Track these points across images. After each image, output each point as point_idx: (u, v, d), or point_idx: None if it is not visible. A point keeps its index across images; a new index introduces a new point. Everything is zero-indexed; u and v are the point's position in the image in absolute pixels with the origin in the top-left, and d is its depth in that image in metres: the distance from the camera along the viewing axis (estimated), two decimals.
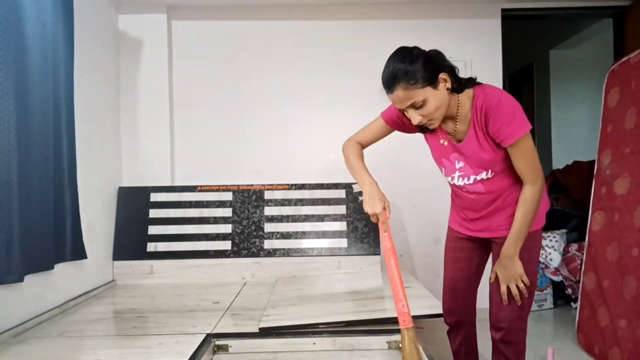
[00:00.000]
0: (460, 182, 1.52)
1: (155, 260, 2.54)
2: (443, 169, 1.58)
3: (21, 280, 1.68)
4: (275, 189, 2.70)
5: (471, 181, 1.49)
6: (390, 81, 1.33)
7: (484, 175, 1.45)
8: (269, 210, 2.66)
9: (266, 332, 1.66)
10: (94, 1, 2.45)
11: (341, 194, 2.68)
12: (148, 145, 2.78)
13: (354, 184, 2.67)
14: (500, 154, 1.40)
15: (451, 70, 1.38)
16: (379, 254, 2.55)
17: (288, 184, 2.71)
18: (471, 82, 1.42)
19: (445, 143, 1.50)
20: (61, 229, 2.00)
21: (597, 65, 3.76)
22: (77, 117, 2.13)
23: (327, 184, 2.70)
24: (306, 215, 2.64)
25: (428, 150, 1.62)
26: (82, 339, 1.65)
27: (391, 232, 1.44)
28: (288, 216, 2.65)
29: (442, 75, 1.33)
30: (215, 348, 1.62)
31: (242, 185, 2.70)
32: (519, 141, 1.33)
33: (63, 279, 2.05)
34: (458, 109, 1.41)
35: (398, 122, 1.56)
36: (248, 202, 2.67)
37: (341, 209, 2.65)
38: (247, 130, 2.89)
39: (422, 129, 1.49)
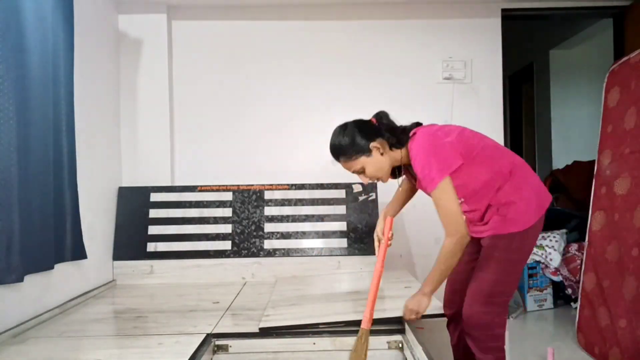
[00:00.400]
0: None
1: (155, 260, 2.54)
2: None
3: (21, 280, 1.68)
4: (275, 189, 2.69)
5: None
6: (333, 156, 1.61)
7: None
8: (269, 210, 2.66)
9: (266, 332, 1.66)
10: (94, 1, 2.45)
11: (341, 194, 2.68)
12: (148, 145, 2.78)
13: (354, 183, 2.67)
14: None
15: (392, 130, 1.56)
16: None
17: (288, 184, 2.71)
18: (405, 138, 1.56)
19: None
20: (61, 229, 2.00)
21: (597, 65, 3.75)
22: (77, 117, 2.13)
23: (327, 184, 2.70)
24: (306, 215, 2.64)
25: None
26: (82, 339, 1.65)
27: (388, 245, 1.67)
28: (288, 216, 2.65)
29: (374, 144, 1.53)
30: (215, 348, 1.62)
31: (242, 185, 2.70)
32: (433, 194, 1.46)
33: (63, 279, 2.05)
34: (402, 159, 1.59)
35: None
36: (248, 202, 2.67)
37: (341, 209, 2.64)
38: (247, 130, 2.89)
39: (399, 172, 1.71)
